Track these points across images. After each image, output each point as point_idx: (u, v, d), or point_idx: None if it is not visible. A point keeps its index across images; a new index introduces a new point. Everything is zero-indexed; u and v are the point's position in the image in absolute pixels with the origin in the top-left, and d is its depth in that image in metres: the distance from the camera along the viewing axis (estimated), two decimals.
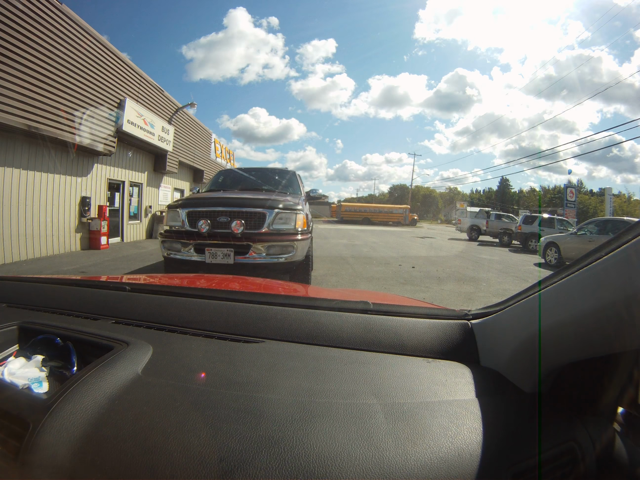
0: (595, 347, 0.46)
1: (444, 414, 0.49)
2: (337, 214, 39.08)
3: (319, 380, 0.56)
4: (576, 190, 23.93)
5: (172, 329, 0.75)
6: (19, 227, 6.67)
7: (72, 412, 0.48)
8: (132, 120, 9.33)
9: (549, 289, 0.51)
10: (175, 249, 3.73)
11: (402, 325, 0.71)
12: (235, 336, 0.72)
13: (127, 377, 0.55)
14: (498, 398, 0.54)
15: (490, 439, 0.45)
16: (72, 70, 7.19)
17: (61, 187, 7.75)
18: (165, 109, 11.76)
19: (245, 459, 0.41)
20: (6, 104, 5.72)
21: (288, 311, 0.78)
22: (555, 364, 0.51)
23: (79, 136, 7.44)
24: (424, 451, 0.43)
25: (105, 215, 8.84)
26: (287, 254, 3.62)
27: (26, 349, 0.70)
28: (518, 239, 13.96)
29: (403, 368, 0.61)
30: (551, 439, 0.48)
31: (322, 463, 0.41)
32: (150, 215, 12.02)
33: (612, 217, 12.30)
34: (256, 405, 0.49)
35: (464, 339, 0.66)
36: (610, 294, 0.41)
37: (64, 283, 1.10)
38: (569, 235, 9.25)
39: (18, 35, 5.87)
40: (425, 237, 18.99)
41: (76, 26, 7.23)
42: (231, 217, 3.64)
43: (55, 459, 0.44)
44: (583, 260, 0.46)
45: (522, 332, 0.54)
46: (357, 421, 0.47)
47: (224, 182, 5.26)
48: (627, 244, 0.41)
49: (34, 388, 0.61)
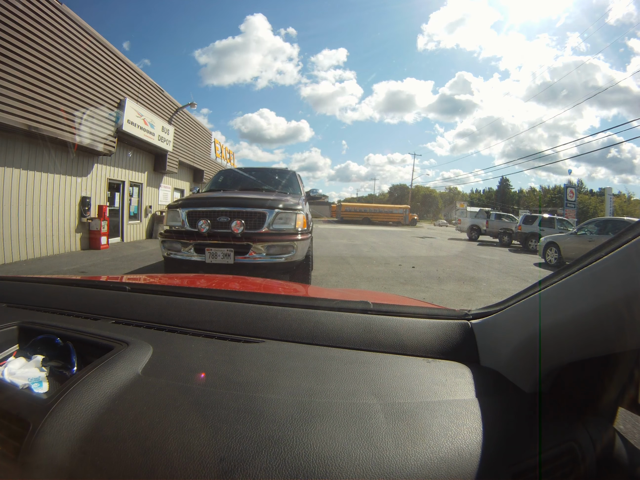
0: (595, 346, 0.46)
1: (444, 414, 0.49)
2: (337, 214, 39.10)
3: (319, 380, 0.56)
4: (576, 190, 23.93)
5: (172, 329, 0.75)
6: (19, 227, 6.67)
7: (72, 412, 0.48)
8: (132, 120, 9.34)
9: (549, 289, 0.51)
10: (175, 249, 3.73)
11: (402, 325, 0.71)
12: (236, 336, 0.72)
13: (127, 377, 0.55)
14: (498, 398, 0.54)
15: (491, 439, 0.45)
16: (72, 70, 7.19)
17: (61, 187, 7.75)
18: (165, 109, 11.76)
19: (245, 459, 0.41)
20: (6, 104, 5.72)
21: (288, 311, 0.78)
22: (555, 364, 0.51)
23: (79, 136, 7.44)
24: (424, 451, 0.43)
25: (105, 215, 8.84)
26: (287, 254, 3.62)
27: (26, 349, 0.70)
28: (518, 238, 13.96)
29: (403, 368, 0.61)
30: (551, 439, 0.48)
31: (322, 463, 0.41)
32: (150, 215, 12.02)
33: (612, 217, 12.30)
34: (256, 405, 0.49)
35: (464, 338, 0.66)
36: (611, 293, 0.41)
37: (64, 283, 1.10)
38: (569, 235, 9.25)
39: (18, 35, 5.87)
40: (425, 237, 19.01)
41: (76, 26, 7.23)
42: (231, 217, 3.64)
43: (55, 459, 0.44)
44: (583, 260, 0.46)
45: (522, 332, 0.54)
46: (357, 421, 0.47)
47: (224, 182, 5.25)
48: (627, 244, 0.41)
49: (34, 388, 0.61)
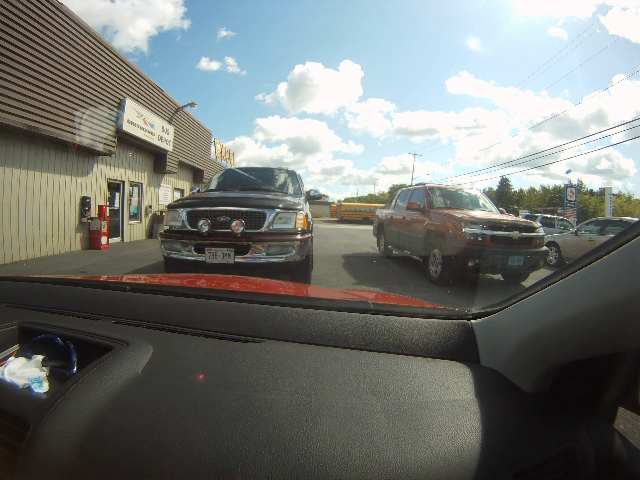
0: (595, 346, 0.46)
1: (444, 414, 0.49)
2: (337, 214, 39.12)
3: (319, 380, 0.56)
4: (576, 190, 23.88)
5: (172, 329, 0.75)
6: (19, 227, 6.66)
7: (72, 412, 0.48)
8: (132, 120, 9.33)
9: (549, 288, 0.51)
10: (176, 248, 3.73)
11: (402, 325, 0.71)
12: (236, 336, 0.71)
13: (127, 377, 0.55)
14: (498, 398, 0.54)
15: (491, 439, 0.45)
16: (72, 70, 7.18)
17: (61, 187, 7.75)
18: (165, 109, 11.75)
19: (246, 459, 0.41)
20: (6, 104, 5.71)
21: (288, 311, 0.78)
22: (555, 364, 0.51)
23: (79, 136, 7.44)
24: (425, 451, 0.43)
25: (105, 215, 8.84)
26: (287, 254, 3.62)
27: (26, 348, 0.70)
28: None
29: (403, 368, 0.60)
30: (551, 438, 0.48)
31: (322, 463, 0.41)
32: (150, 215, 12.01)
33: (612, 217, 12.27)
34: (256, 405, 0.49)
35: (464, 338, 0.66)
36: (611, 293, 0.41)
37: (64, 283, 1.10)
38: (569, 234, 9.24)
39: (18, 35, 5.86)
40: None
41: (76, 26, 7.23)
42: (231, 216, 3.63)
43: (56, 458, 0.44)
44: (583, 259, 0.46)
45: (522, 331, 0.54)
46: (358, 421, 0.47)
47: (224, 182, 5.25)
48: (627, 244, 0.40)
49: (34, 388, 0.61)
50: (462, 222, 4.94)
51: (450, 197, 6.42)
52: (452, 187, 7.68)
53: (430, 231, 5.63)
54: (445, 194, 6.51)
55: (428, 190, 6.40)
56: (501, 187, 57.06)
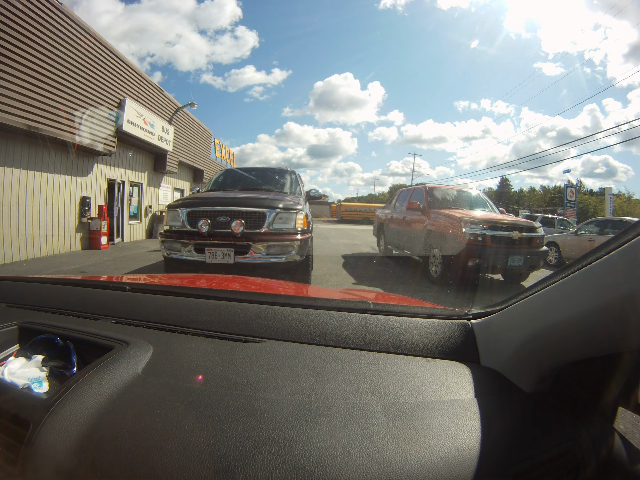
0: (595, 346, 0.46)
1: (444, 414, 0.49)
2: (337, 214, 39.13)
3: (319, 380, 0.56)
4: (576, 190, 23.87)
5: (172, 329, 0.75)
6: (19, 227, 6.66)
7: (72, 412, 0.48)
8: (132, 120, 9.33)
9: (549, 288, 0.51)
10: (176, 248, 3.73)
11: (402, 325, 0.71)
12: (236, 336, 0.72)
13: (127, 377, 0.55)
14: (498, 397, 0.54)
15: (491, 439, 0.45)
16: (72, 70, 7.18)
17: (61, 187, 7.75)
18: (165, 109, 11.75)
19: (245, 459, 0.41)
20: (6, 104, 5.71)
21: (288, 311, 0.78)
22: (555, 364, 0.51)
23: (79, 136, 7.44)
24: (425, 451, 0.43)
25: (105, 215, 8.84)
26: (287, 254, 3.62)
27: (26, 348, 0.70)
28: None
29: (403, 368, 0.61)
30: (552, 438, 0.48)
31: (322, 463, 0.41)
32: (151, 215, 12.02)
33: (612, 217, 12.25)
34: (256, 405, 0.49)
35: (464, 338, 0.66)
36: (611, 293, 0.41)
37: (64, 283, 1.10)
38: (569, 234, 9.24)
39: (18, 35, 5.86)
40: None
41: (76, 26, 7.23)
42: (231, 216, 3.64)
43: (56, 458, 0.44)
44: (583, 259, 0.46)
45: (523, 331, 0.54)
46: (357, 421, 0.47)
47: (224, 182, 5.25)
48: (627, 244, 0.40)
49: (34, 388, 0.61)
50: (462, 222, 4.93)
51: (451, 197, 6.42)
52: (452, 187, 7.68)
53: (430, 231, 5.63)
54: (445, 194, 6.51)
55: (428, 190, 6.40)
56: (501, 187, 57.08)
